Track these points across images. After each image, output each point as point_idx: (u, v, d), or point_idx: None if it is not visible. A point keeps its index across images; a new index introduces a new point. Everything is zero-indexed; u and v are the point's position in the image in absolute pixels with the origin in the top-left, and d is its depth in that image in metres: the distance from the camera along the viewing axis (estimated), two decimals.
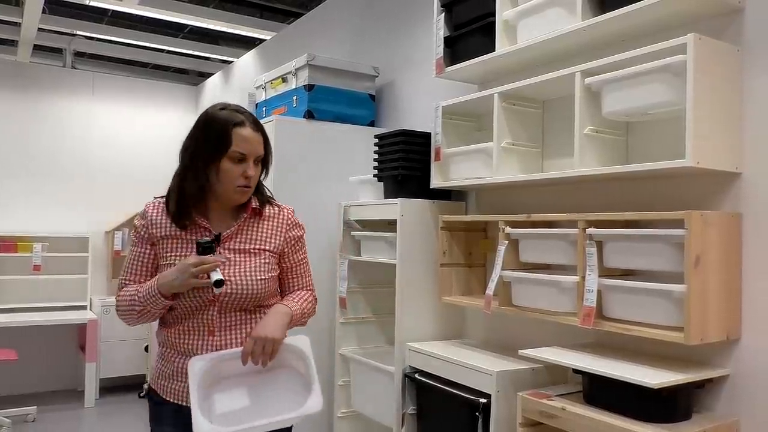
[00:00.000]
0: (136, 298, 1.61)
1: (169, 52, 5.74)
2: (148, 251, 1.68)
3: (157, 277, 1.62)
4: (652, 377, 1.56)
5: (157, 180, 6.21)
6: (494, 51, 2.21)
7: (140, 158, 6.12)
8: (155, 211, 1.70)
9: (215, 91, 5.93)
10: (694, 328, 1.56)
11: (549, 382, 2.10)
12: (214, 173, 1.64)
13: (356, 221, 2.74)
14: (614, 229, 1.76)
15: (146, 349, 5.45)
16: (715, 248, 1.63)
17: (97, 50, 5.72)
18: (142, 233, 1.69)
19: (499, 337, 2.47)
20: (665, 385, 1.53)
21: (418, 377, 2.32)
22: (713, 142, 1.65)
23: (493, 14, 2.22)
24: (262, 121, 3.02)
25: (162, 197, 1.73)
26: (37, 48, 5.78)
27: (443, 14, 2.45)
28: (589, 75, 1.86)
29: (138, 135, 6.12)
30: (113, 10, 4.64)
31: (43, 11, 4.66)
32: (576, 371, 1.80)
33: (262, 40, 5.06)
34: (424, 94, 2.98)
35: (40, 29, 5.05)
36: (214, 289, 1.56)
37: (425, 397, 2.32)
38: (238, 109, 1.69)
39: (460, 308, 2.60)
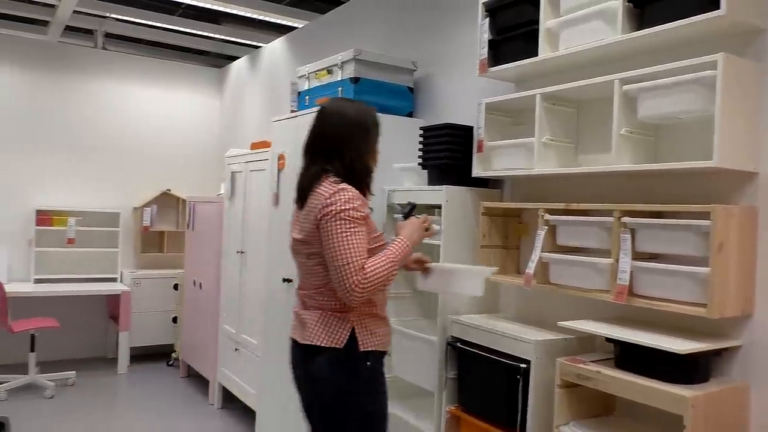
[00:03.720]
0: (395, 262, 1.95)
1: (198, 35, 5.91)
2: (365, 231, 1.94)
3: (402, 239, 2.01)
4: (679, 345, 1.85)
5: (183, 159, 6.46)
6: (537, 56, 2.46)
7: (167, 138, 6.36)
8: (360, 194, 1.99)
9: (241, 75, 6.13)
10: (716, 304, 1.84)
11: (579, 350, 2.38)
12: (374, 154, 2.14)
13: (399, 205, 3.00)
14: (649, 219, 2.03)
15: (174, 320, 5.74)
16: (735, 236, 1.90)
17: (127, 32, 5.89)
18: (364, 213, 1.95)
19: (529, 311, 2.75)
20: (691, 352, 1.82)
21: (460, 345, 2.60)
22: (735, 145, 1.92)
23: (536, 22, 2.46)
24: (309, 110, 3.28)
25: (342, 182, 1.97)
26: (67, 28, 5.94)
27: (487, 19, 2.69)
28: (627, 83, 2.12)
29: (165, 115, 6.35)
30: None
31: None
32: (608, 340, 2.08)
33: (290, 27, 5.25)
34: (459, 87, 3.23)
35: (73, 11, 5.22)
36: (434, 235, 2.21)
37: (466, 363, 2.60)
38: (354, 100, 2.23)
39: (495, 285, 2.88)
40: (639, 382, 1.91)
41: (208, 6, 4.85)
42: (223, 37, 5.79)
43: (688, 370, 1.90)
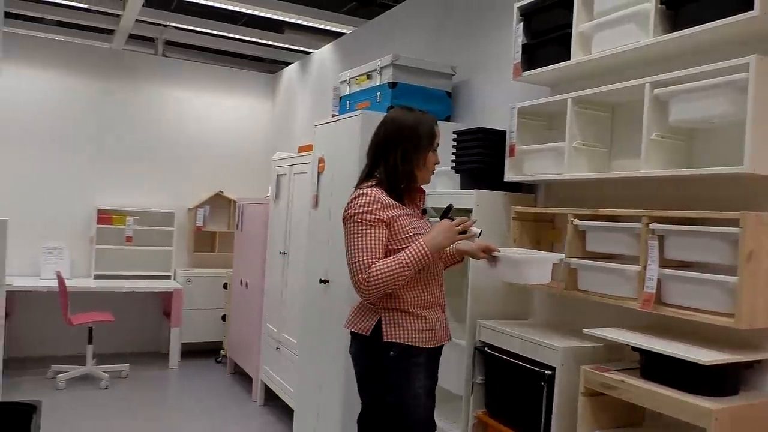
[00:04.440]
0: (405, 265, 2.02)
1: (255, 42, 6.09)
2: (384, 231, 2.07)
3: (420, 243, 2.06)
4: (705, 355, 1.79)
5: (236, 161, 6.65)
6: (569, 59, 2.43)
7: (221, 141, 6.58)
8: (383, 196, 2.10)
9: (292, 80, 6.28)
10: (744, 314, 1.77)
11: (606, 359, 2.33)
12: (422, 161, 2.18)
13: (432, 209, 3.02)
14: (678, 225, 1.98)
15: (223, 318, 5.91)
16: (766, 244, 1.83)
17: (186, 40, 6.14)
18: (382, 216, 2.07)
19: (559, 318, 2.71)
20: (716, 363, 1.76)
21: (488, 351, 2.59)
22: (767, 151, 1.84)
23: (570, 26, 2.44)
24: (347, 114, 3.34)
25: (370, 186, 2.13)
26: (130, 36, 6.24)
27: (522, 23, 2.68)
28: (658, 86, 2.07)
29: (220, 119, 6.57)
30: (205, 4, 5.01)
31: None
32: (634, 349, 2.03)
33: (341, 33, 5.34)
34: (497, 92, 3.22)
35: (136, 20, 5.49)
36: (475, 238, 2.20)
37: (493, 368, 2.59)
38: (419, 109, 2.24)
39: (526, 291, 2.86)
40: (663, 393, 1.86)
41: (267, 15, 5.00)
42: (277, 44, 5.95)
43: (715, 381, 1.84)
